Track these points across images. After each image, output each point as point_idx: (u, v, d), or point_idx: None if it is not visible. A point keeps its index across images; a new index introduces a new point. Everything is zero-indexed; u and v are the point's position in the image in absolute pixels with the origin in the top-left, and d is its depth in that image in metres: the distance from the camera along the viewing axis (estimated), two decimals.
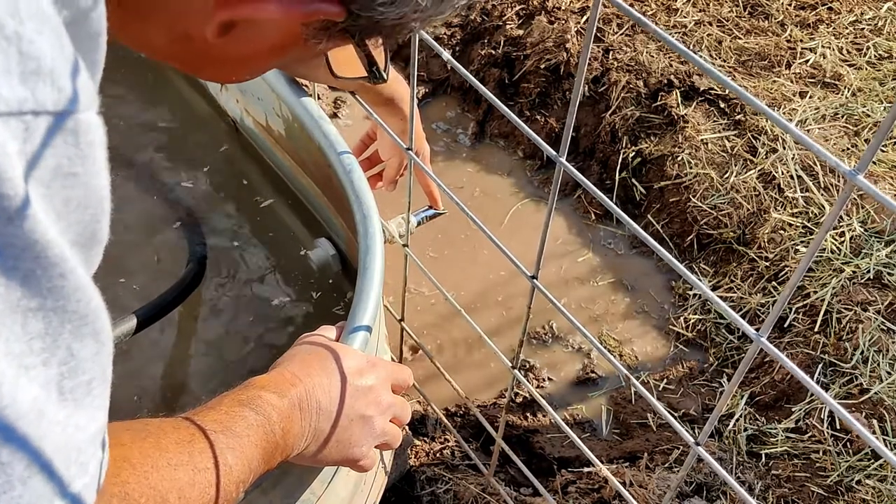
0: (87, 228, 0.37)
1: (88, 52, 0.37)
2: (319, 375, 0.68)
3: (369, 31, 0.48)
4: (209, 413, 0.59)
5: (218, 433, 0.57)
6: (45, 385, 0.35)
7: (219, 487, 0.55)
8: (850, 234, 1.65)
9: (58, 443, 0.35)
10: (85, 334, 0.36)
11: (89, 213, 0.36)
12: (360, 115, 2.02)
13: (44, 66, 0.32)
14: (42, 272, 0.33)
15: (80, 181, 0.35)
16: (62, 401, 0.36)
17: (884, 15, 2.18)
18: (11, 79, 0.31)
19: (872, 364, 1.47)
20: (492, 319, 1.66)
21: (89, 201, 0.36)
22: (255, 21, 0.45)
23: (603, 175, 1.91)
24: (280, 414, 0.62)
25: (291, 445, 0.64)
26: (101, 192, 0.37)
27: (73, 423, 0.36)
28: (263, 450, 0.61)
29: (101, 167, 0.37)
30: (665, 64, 1.94)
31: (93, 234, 0.38)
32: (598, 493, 1.36)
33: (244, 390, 0.63)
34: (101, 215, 0.38)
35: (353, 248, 0.97)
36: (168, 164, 1.23)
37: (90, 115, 0.35)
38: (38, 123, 0.32)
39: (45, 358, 0.34)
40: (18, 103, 0.32)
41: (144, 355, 1.04)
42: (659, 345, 1.66)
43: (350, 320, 0.77)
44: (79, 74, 0.35)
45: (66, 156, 0.34)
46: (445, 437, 1.46)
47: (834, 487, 1.36)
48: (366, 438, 0.71)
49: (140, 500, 0.49)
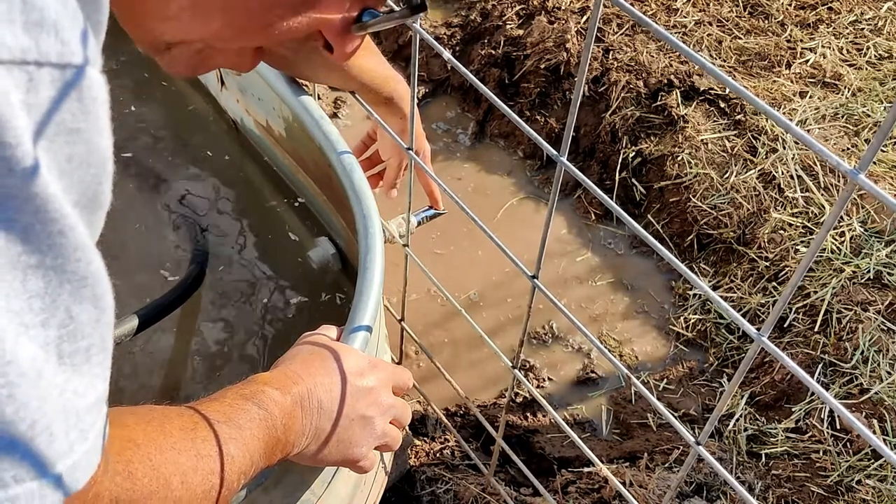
0: (90, 189, 0.36)
1: (91, 13, 0.36)
2: (321, 375, 0.68)
3: None
4: (213, 404, 0.60)
5: (221, 423, 0.57)
6: (44, 346, 0.34)
7: (222, 476, 0.55)
8: (851, 234, 1.65)
9: (56, 406, 0.35)
10: (84, 297, 0.36)
11: (91, 172, 0.36)
12: (360, 115, 2.02)
13: (47, 18, 0.32)
14: (42, 227, 0.33)
15: (82, 137, 0.34)
16: (61, 364, 0.35)
17: (884, 15, 2.18)
18: (15, 27, 0.31)
19: (872, 364, 1.47)
20: (492, 319, 1.66)
21: (92, 159, 0.35)
22: None
23: (603, 175, 1.91)
24: (282, 410, 0.62)
25: (293, 443, 0.64)
26: (104, 151, 0.36)
27: (70, 388, 0.36)
28: (265, 444, 0.61)
29: (104, 125, 0.36)
30: (665, 64, 1.94)
31: (95, 196, 0.37)
32: (598, 493, 1.36)
33: (247, 385, 0.63)
34: (103, 176, 0.37)
35: (354, 247, 0.97)
36: (169, 164, 1.23)
37: (94, 71, 0.35)
38: (41, 75, 0.32)
39: (45, 318, 0.34)
40: (22, 52, 0.31)
41: (145, 355, 1.04)
42: (659, 345, 1.66)
43: (350, 320, 0.77)
44: (82, 30, 0.34)
45: (70, 110, 0.33)
46: (445, 437, 1.46)
47: (834, 487, 1.36)
48: (366, 439, 0.71)
49: (143, 479, 0.48)
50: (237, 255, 1.14)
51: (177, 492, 0.51)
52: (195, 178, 1.22)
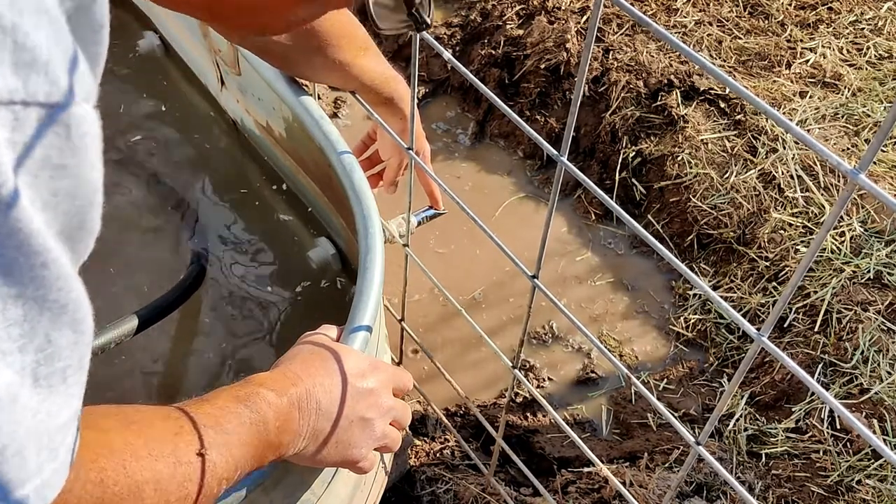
0: (75, 219, 0.37)
1: (90, 45, 0.36)
2: (321, 376, 0.68)
3: None
4: (203, 406, 0.59)
5: (207, 427, 0.57)
6: (20, 371, 0.35)
7: (201, 483, 0.55)
8: (851, 234, 1.65)
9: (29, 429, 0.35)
10: (63, 323, 0.36)
11: (77, 203, 0.36)
12: (360, 115, 2.02)
13: (39, 58, 0.32)
14: (24, 260, 0.33)
15: (69, 172, 0.35)
16: (36, 387, 0.36)
17: (884, 15, 2.18)
18: (3, 68, 0.31)
19: (872, 364, 1.47)
20: (493, 319, 1.66)
21: (78, 192, 0.36)
22: None
23: (603, 175, 1.91)
24: (276, 412, 0.62)
25: (287, 444, 0.64)
26: (93, 184, 0.37)
27: (44, 409, 0.36)
28: (254, 448, 0.61)
29: (93, 159, 0.36)
30: (665, 64, 1.94)
31: (81, 225, 0.37)
32: (598, 493, 1.36)
33: (243, 386, 0.63)
34: (90, 206, 0.37)
35: (353, 247, 0.97)
36: (169, 164, 1.23)
37: (85, 108, 0.35)
38: (27, 114, 0.32)
39: (23, 344, 0.34)
40: (9, 93, 0.32)
41: (145, 355, 1.04)
42: (659, 345, 1.66)
43: (350, 320, 0.77)
44: (76, 68, 0.35)
45: (56, 146, 0.34)
46: (445, 437, 1.46)
47: (834, 487, 1.36)
48: (365, 440, 0.71)
49: (114, 487, 0.49)
50: (237, 255, 1.14)
51: (149, 499, 0.51)
52: (195, 178, 1.22)
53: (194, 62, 1.29)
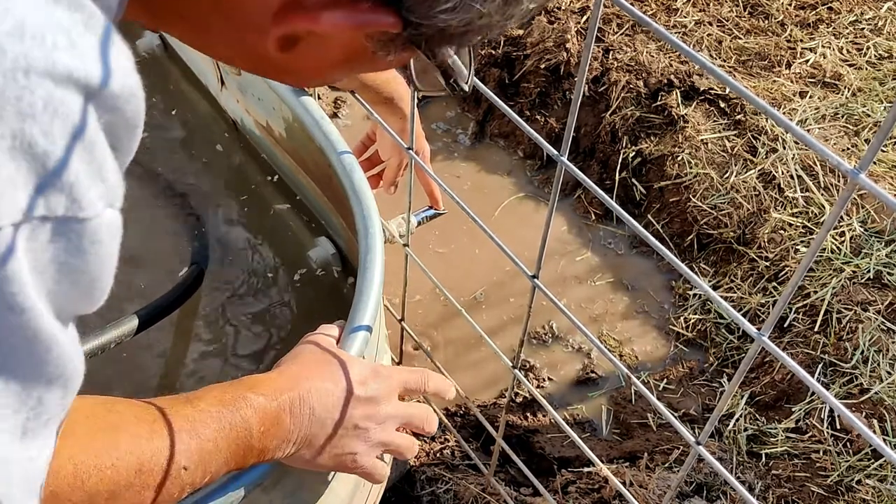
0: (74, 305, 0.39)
1: (125, 141, 0.39)
2: (318, 381, 0.67)
3: (437, 41, 0.46)
4: (184, 408, 0.60)
5: (182, 432, 0.58)
6: (11, 430, 0.37)
7: (159, 490, 0.56)
8: (850, 234, 1.65)
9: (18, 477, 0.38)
10: (56, 386, 0.39)
11: (78, 291, 0.39)
12: (360, 115, 2.02)
13: (65, 181, 0.35)
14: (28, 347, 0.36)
15: (77, 270, 0.37)
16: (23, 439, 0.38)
17: (884, 15, 2.18)
18: (30, 189, 0.34)
19: (872, 364, 1.47)
20: (493, 319, 1.66)
21: (80, 283, 0.38)
22: (317, 36, 0.44)
23: (603, 175, 1.91)
24: (262, 417, 0.62)
25: (273, 449, 0.64)
26: (98, 277, 0.39)
27: (27, 455, 0.39)
28: (232, 453, 0.61)
29: (106, 260, 0.39)
30: (665, 64, 1.94)
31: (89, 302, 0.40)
32: (598, 493, 1.36)
33: (232, 388, 0.63)
34: (98, 292, 0.40)
35: (354, 247, 0.97)
36: (169, 164, 1.23)
37: (105, 215, 0.37)
38: (45, 226, 0.35)
39: (16, 408, 0.37)
40: (31, 211, 0.34)
41: (145, 355, 1.04)
42: (659, 345, 1.66)
43: (350, 320, 0.77)
44: (105, 179, 0.37)
45: (67, 251, 0.36)
46: (445, 437, 1.46)
47: (834, 487, 1.36)
48: (359, 448, 0.71)
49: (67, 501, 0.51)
50: (237, 255, 1.14)
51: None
52: (195, 179, 1.22)
53: (194, 62, 1.29)
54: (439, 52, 0.48)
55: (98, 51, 0.35)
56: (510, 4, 0.43)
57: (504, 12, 0.44)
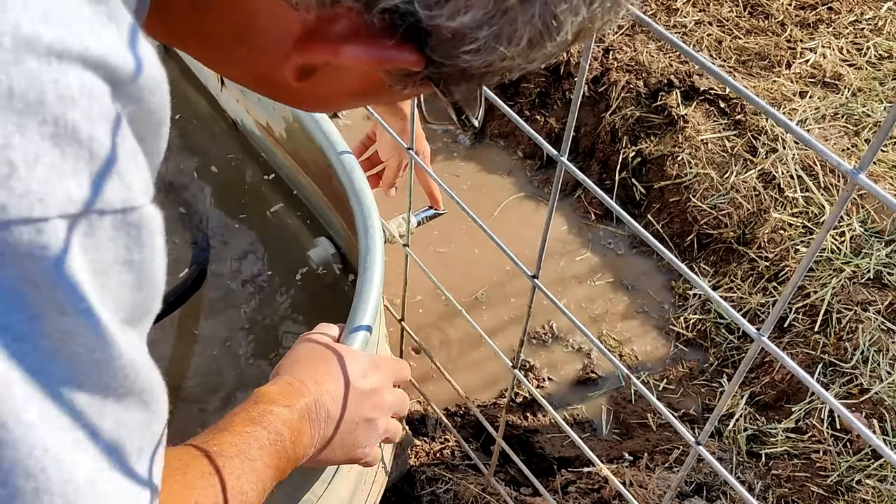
0: (140, 307, 0.38)
1: (151, 140, 0.38)
2: (327, 382, 0.68)
3: (456, 79, 0.45)
4: (223, 436, 0.60)
5: (234, 458, 0.58)
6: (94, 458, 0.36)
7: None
8: (850, 234, 1.65)
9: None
10: (129, 405, 0.37)
11: (143, 294, 0.38)
12: (360, 115, 2.02)
13: (116, 168, 0.34)
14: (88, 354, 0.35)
15: (136, 266, 0.36)
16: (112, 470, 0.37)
17: (884, 15, 2.18)
18: (81, 179, 0.32)
19: (872, 364, 1.47)
20: (493, 319, 1.66)
21: (143, 284, 0.37)
22: (335, 66, 0.44)
23: (603, 175, 1.91)
24: (291, 428, 0.64)
25: (302, 455, 0.66)
26: (157, 275, 0.38)
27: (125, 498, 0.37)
28: (276, 468, 0.62)
29: (158, 253, 0.38)
30: (665, 64, 1.94)
31: (147, 311, 0.39)
32: (598, 493, 1.36)
33: (254, 406, 0.64)
34: (155, 294, 0.39)
35: (353, 247, 0.97)
36: (169, 164, 1.23)
37: (150, 206, 0.37)
38: (102, 221, 0.34)
39: (94, 431, 0.36)
40: (84, 203, 0.33)
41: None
42: (659, 345, 1.66)
43: (350, 320, 0.77)
44: (140, 169, 0.36)
45: (126, 246, 0.35)
46: (445, 437, 1.46)
47: (834, 487, 1.36)
48: (369, 439, 0.72)
49: None
50: (237, 255, 1.14)
51: None
52: (195, 179, 1.22)
53: (195, 62, 1.29)
54: (456, 91, 0.48)
55: (122, 41, 0.34)
56: (534, 48, 0.42)
57: (527, 56, 0.43)
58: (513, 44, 0.41)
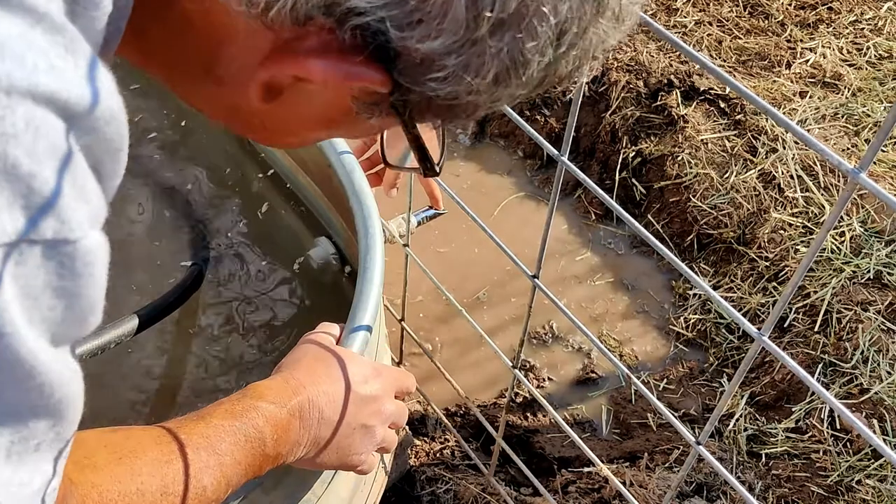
0: (73, 328, 0.38)
1: (109, 164, 0.38)
2: (325, 383, 0.68)
3: (421, 111, 0.45)
4: (197, 425, 0.60)
5: (200, 450, 0.58)
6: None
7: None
8: (850, 234, 1.65)
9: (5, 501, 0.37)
10: (42, 415, 0.38)
11: (74, 314, 0.38)
12: None
13: (52, 202, 0.34)
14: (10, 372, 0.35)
15: (68, 292, 0.37)
16: (8, 462, 0.37)
17: (884, 15, 2.18)
18: (15, 212, 0.33)
19: (872, 364, 1.47)
20: (494, 319, 1.66)
21: (75, 306, 0.38)
22: (302, 87, 0.44)
23: (603, 175, 1.91)
24: (275, 425, 0.63)
25: (286, 454, 0.65)
26: (94, 300, 0.39)
27: (16, 480, 0.38)
28: (248, 465, 0.61)
29: (95, 281, 0.38)
30: (665, 64, 1.94)
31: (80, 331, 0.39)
32: (598, 492, 1.36)
33: (241, 400, 0.63)
34: (88, 315, 0.39)
35: (353, 247, 0.97)
36: (169, 163, 1.23)
37: (92, 237, 0.37)
38: (33, 250, 0.34)
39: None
40: (17, 234, 0.33)
41: (145, 355, 1.04)
42: (659, 345, 1.66)
43: (350, 320, 0.77)
44: (87, 202, 0.37)
45: (58, 274, 0.36)
46: (445, 437, 1.46)
47: (834, 487, 1.36)
48: (365, 446, 0.72)
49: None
50: (237, 255, 1.14)
51: None
52: (195, 179, 1.22)
53: None
54: (421, 123, 0.48)
55: (78, 73, 0.35)
56: (499, 84, 0.42)
57: (493, 92, 0.43)
58: (480, 76, 0.41)
